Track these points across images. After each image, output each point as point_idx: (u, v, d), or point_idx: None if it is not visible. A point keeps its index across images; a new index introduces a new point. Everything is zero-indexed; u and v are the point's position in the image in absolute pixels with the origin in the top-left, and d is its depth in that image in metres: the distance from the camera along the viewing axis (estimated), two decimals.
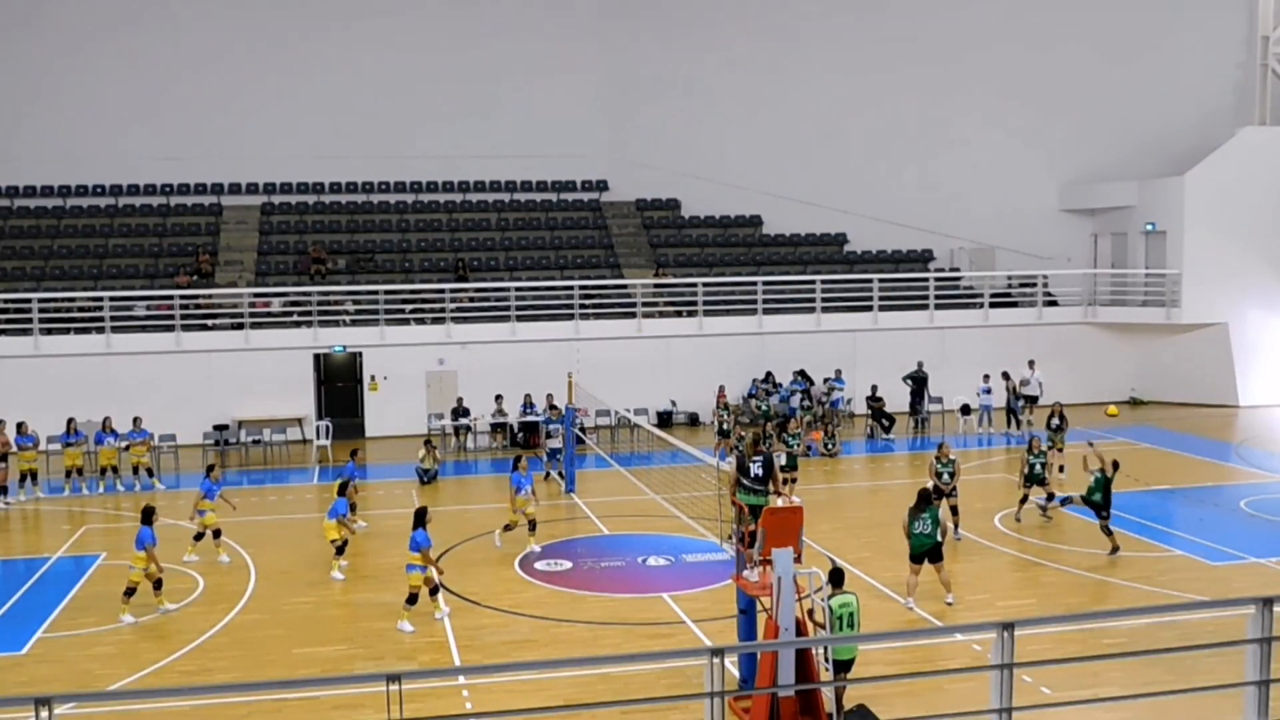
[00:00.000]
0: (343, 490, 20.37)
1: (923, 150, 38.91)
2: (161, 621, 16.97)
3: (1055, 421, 25.47)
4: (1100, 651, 14.84)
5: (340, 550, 19.23)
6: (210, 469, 21.05)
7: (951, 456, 20.64)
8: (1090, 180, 39.51)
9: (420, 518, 16.82)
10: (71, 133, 36.22)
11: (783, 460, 23.37)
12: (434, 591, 16.80)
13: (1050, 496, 21.59)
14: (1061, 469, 25.04)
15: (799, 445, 25.75)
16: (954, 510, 20.41)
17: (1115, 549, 19.55)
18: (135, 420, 26.35)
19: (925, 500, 17.09)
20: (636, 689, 13.64)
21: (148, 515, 17.57)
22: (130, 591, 17.14)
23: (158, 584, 17.32)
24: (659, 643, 15.68)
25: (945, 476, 20.33)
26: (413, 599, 16.44)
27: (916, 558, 16.96)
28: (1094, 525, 21.52)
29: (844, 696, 13.10)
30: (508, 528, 20.40)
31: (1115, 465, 20.11)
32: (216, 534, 20.33)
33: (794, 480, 23.61)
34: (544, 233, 37.34)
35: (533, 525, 20.34)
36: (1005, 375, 31.35)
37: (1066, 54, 38.99)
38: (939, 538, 16.93)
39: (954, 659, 14.45)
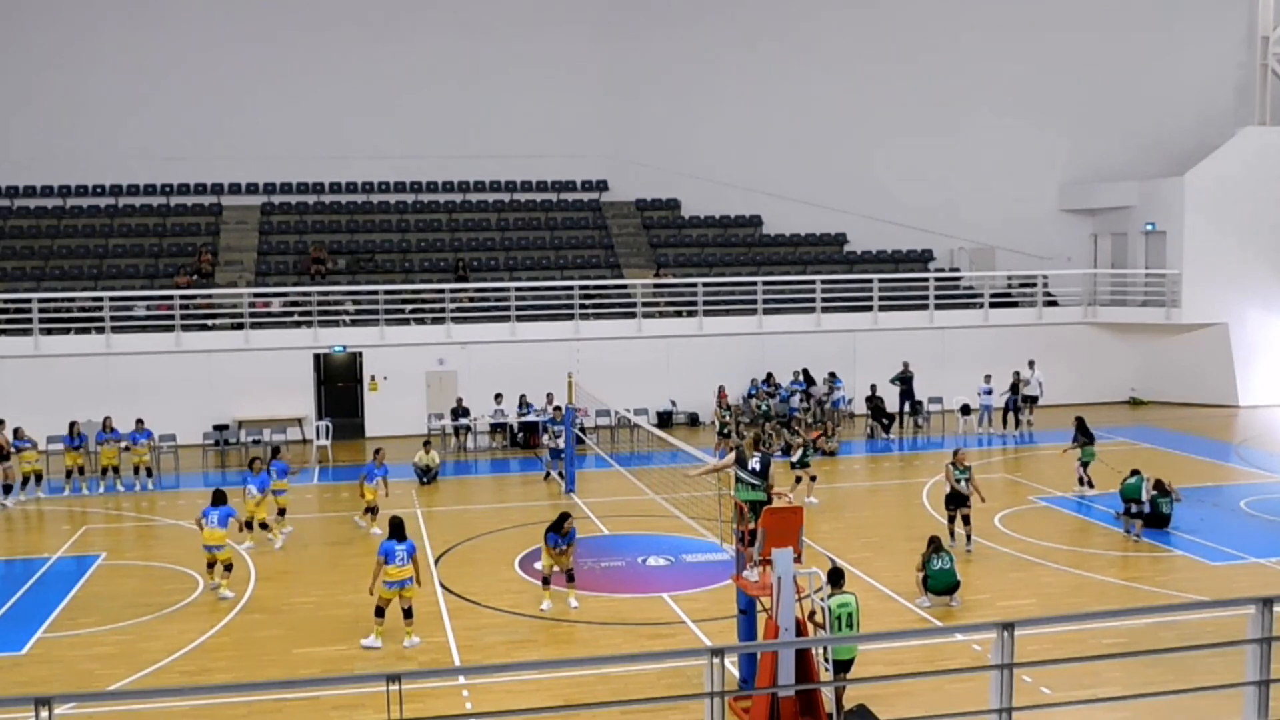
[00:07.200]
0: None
1: (923, 150, 38.90)
2: (161, 622, 16.98)
3: (1081, 439, 24.14)
4: (1100, 651, 14.84)
5: (371, 513, 21.13)
6: (253, 461, 22.07)
7: (968, 463, 20.23)
8: (1090, 180, 39.51)
9: (393, 529, 15.99)
10: (72, 133, 36.22)
11: (796, 458, 23.36)
12: (406, 613, 15.87)
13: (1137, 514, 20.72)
14: (1082, 481, 24.07)
15: (831, 441, 26.78)
16: (966, 520, 19.96)
17: (1138, 536, 20.23)
18: (138, 422, 26.34)
19: (936, 542, 17.20)
20: (636, 689, 13.64)
21: (222, 495, 18.47)
22: (228, 567, 18.07)
23: (228, 566, 18.10)
24: (659, 643, 15.68)
25: (962, 483, 19.80)
26: (407, 613, 15.90)
27: (934, 591, 17.05)
28: (1094, 525, 21.61)
29: (844, 696, 13.10)
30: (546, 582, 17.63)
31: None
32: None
33: (813, 478, 23.59)
34: (544, 233, 37.34)
35: (570, 575, 17.60)
36: (1016, 374, 31.65)
37: (1066, 54, 38.99)
38: (959, 575, 17.09)
39: (954, 659, 14.45)
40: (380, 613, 15.79)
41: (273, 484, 21.80)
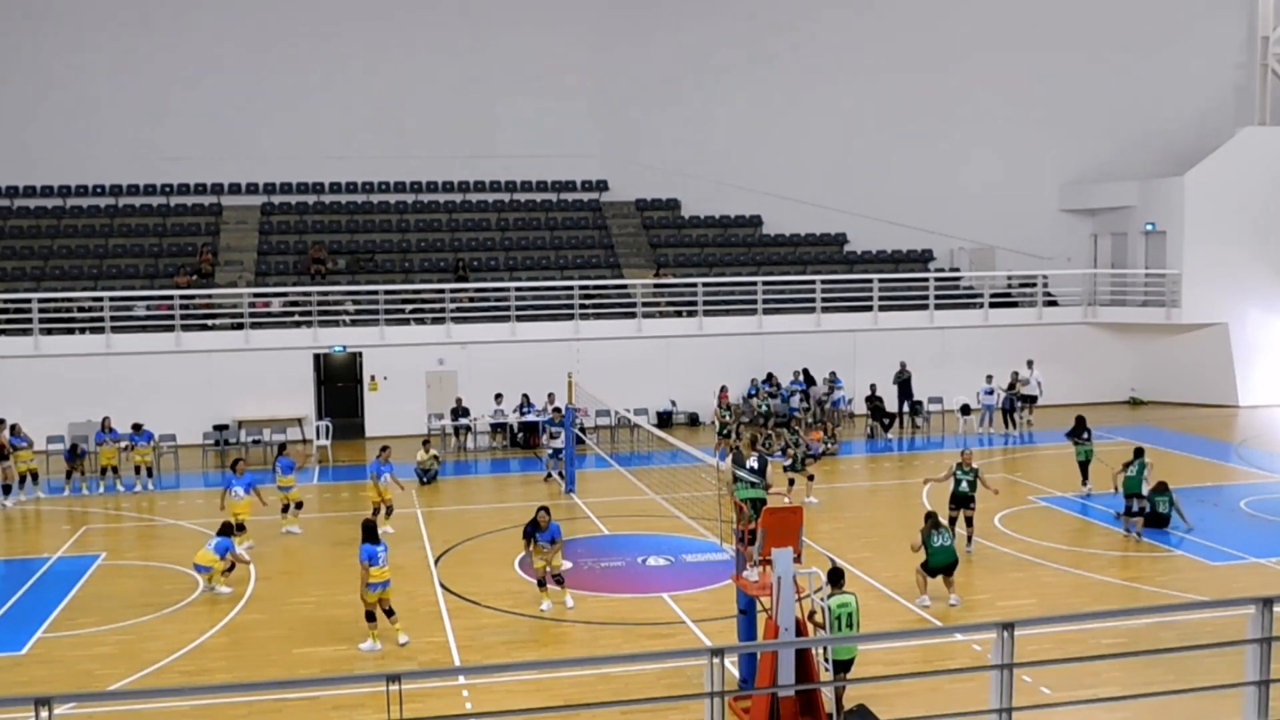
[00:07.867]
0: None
1: (923, 150, 38.89)
2: (161, 622, 16.98)
3: (1085, 434, 24.09)
4: (1100, 651, 14.84)
5: (385, 511, 21.30)
6: (236, 462, 21.97)
7: (974, 465, 19.85)
8: (1090, 180, 39.51)
9: (366, 532, 15.94)
10: (72, 133, 36.22)
11: (788, 463, 23.30)
12: (388, 613, 15.82)
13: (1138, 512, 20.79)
14: (1084, 481, 24.03)
15: (831, 443, 27.03)
16: (969, 521, 19.73)
17: (1139, 536, 20.28)
18: (136, 426, 26.23)
19: (934, 518, 17.19)
20: (636, 689, 13.64)
21: (228, 529, 18.87)
22: (230, 566, 18.53)
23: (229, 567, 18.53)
24: (659, 643, 15.67)
25: (965, 485, 19.48)
26: (390, 612, 15.78)
27: (934, 571, 17.01)
28: (1094, 525, 21.63)
29: (844, 696, 13.10)
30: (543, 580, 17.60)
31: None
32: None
33: (811, 478, 23.57)
34: (544, 233, 37.34)
35: (559, 579, 17.50)
36: (1014, 374, 31.59)
37: (1066, 54, 38.98)
38: (958, 553, 17.11)
39: (954, 659, 14.45)
40: (371, 617, 15.75)
41: (279, 480, 22.16)
